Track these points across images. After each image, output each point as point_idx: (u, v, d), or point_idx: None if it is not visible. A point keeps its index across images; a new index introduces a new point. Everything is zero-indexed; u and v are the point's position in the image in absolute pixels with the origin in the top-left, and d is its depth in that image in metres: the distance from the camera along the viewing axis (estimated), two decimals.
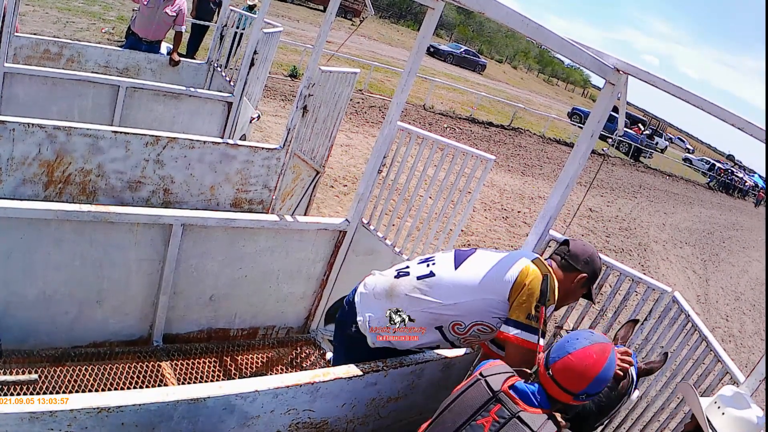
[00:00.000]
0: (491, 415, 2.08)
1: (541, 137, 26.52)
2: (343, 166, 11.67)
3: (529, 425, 2.03)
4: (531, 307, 2.68)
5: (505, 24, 2.72)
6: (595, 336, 2.19)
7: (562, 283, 2.90)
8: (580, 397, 2.10)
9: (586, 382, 2.08)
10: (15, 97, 5.57)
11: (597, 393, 2.14)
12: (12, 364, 3.34)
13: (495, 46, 71.83)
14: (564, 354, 2.12)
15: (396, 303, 2.93)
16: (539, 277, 2.74)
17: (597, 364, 2.08)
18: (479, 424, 2.08)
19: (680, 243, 18.21)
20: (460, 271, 2.89)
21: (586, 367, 2.08)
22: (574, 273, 2.92)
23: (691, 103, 2.89)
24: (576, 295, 3.02)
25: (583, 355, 2.10)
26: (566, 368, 2.10)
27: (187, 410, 2.34)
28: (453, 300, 2.83)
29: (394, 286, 2.98)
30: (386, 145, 4.11)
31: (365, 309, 3.00)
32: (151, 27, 7.94)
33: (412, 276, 2.96)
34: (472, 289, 2.82)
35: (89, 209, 3.37)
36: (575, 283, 2.92)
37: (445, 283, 2.87)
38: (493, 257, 2.92)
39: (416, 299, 2.88)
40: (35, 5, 15.25)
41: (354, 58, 22.11)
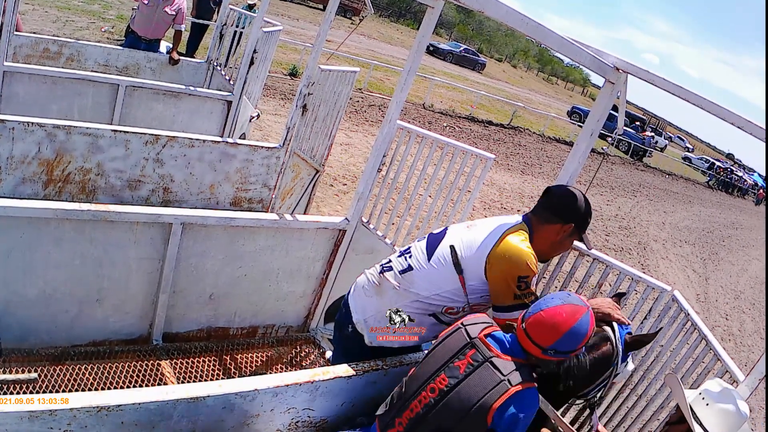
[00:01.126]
0: (467, 358, 2.31)
1: (541, 136, 26.53)
2: (342, 165, 11.67)
3: (500, 369, 2.24)
4: (514, 288, 2.70)
5: (505, 23, 2.72)
6: (571, 298, 2.35)
7: (547, 236, 2.86)
8: (549, 351, 2.26)
9: (554, 338, 2.24)
10: (15, 96, 5.57)
11: (567, 351, 2.29)
12: (12, 363, 3.34)
13: (494, 44, 71.81)
14: (538, 310, 2.31)
15: (387, 299, 2.96)
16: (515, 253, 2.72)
17: (566, 322, 2.24)
18: (456, 365, 2.30)
19: (680, 242, 18.22)
20: (433, 261, 2.90)
21: (556, 323, 2.24)
22: (558, 224, 2.86)
23: (691, 102, 2.89)
24: (565, 245, 2.98)
25: (554, 312, 2.27)
26: (537, 323, 2.28)
27: (187, 409, 2.34)
28: (435, 291, 2.86)
29: (380, 282, 3.02)
30: (386, 143, 4.11)
31: (359, 308, 3.05)
32: (151, 25, 7.95)
33: (395, 270, 3.00)
34: (449, 278, 2.83)
35: (89, 208, 3.37)
36: (562, 235, 2.88)
37: (423, 276, 2.90)
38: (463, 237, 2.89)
39: (403, 293, 2.92)
40: (35, 4, 15.25)
41: (353, 57, 22.11)
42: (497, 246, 2.74)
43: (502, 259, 2.72)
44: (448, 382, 2.28)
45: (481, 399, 2.19)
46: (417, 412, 2.31)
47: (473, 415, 2.18)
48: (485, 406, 2.17)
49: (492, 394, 2.18)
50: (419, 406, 2.31)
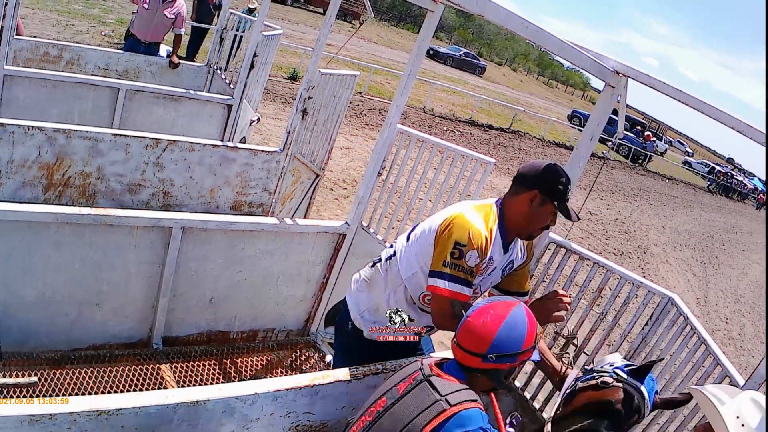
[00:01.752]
0: (409, 379, 2.15)
1: (541, 140, 26.53)
2: (342, 169, 11.67)
3: (437, 389, 2.05)
4: (446, 254, 2.60)
5: (505, 26, 2.73)
6: (498, 298, 2.28)
7: (516, 208, 2.77)
8: (489, 358, 2.08)
9: (488, 340, 2.08)
10: (15, 100, 5.57)
11: (511, 354, 2.10)
12: (12, 366, 3.34)
13: (495, 48, 71.85)
14: (464, 318, 2.18)
15: (378, 289, 2.99)
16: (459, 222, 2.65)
17: (496, 319, 2.10)
18: (397, 387, 2.15)
19: (680, 246, 18.22)
20: (410, 241, 2.90)
21: (484, 323, 2.10)
22: (523, 194, 2.74)
23: (691, 106, 2.89)
24: (541, 217, 2.78)
25: (479, 313, 2.14)
26: (466, 330, 2.14)
27: (187, 413, 2.34)
28: (411, 271, 2.84)
29: (371, 275, 3.05)
30: (386, 147, 4.11)
31: (354, 304, 3.09)
32: (150, 29, 7.95)
33: (383, 260, 3.02)
34: (418, 256, 2.81)
35: (89, 212, 3.37)
36: (531, 205, 2.74)
37: (403, 257, 2.89)
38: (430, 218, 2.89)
39: (390, 280, 2.94)
40: (35, 8, 15.27)
41: (354, 61, 22.13)
42: (449, 217, 2.70)
43: (447, 226, 2.66)
44: (386, 403, 2.14)
45: (411, 420, 2.01)
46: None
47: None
48: (415, 428, 1.98)
49: (424, 416, 2.00)
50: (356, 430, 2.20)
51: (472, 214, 2.71)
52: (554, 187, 2.73)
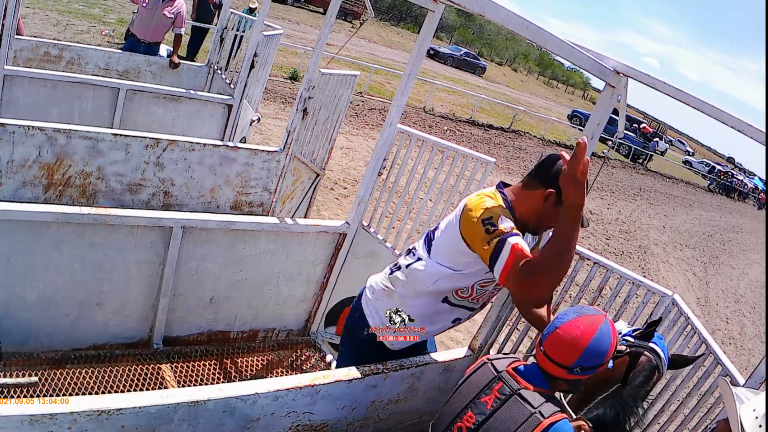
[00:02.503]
0: (494, 392, 2.17)
1: (542, 140, 26.54)
2: (343, 169, 11.68)
3: (530, 402, 2.10)
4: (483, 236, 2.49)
5: (505, 26, 2.72)
6: (585, 309, 2.25)
7: (530, 203, 2.69)
8: (575, 370, 2.13)
9: (576, 354, 2.11)
10: (15, 100, 5.58)
11: (595, 366, 2.14)
12: (12, 366, 3.34)
13: (495, 48, 71.88)
14: (553, 329, 2.19)
15: (396, 297, 2.94)
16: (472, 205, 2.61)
17: (585, 334, 2.12)
18: (483, 401, 2.16)
19: (680, 245, 18.22)
20: (432, 249, 2.85)
21: (574, 338, 2.12)
22: (538, 189, 2.67)
23: (691, 106, 2.89)
24: (551, 216, 2.67)
25: (570, 327, 2.15)
26: (555, 342, 2.16)
27: (188, 413, 2.34)
28: (438, 276, 2.79)
29: (390, 283, 3.00)
30: (386, 147, 4.11)
31: (373, 312, 3.02)
32: (150, 28, 7.96)
33: (403, 267, 2.96)
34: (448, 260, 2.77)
35: (89, 212, 3.37)
36: (544, 203, 2.65)
37: (428, 265, 2.84)
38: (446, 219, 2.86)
39: (411, 288, 2.89)
40: (35, 7, 15.27)
41: (354, 61, 22.13)
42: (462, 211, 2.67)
43: (465, 216, 2.61)
44: (476, 420, 2.16)
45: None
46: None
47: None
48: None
49: (523, 429, 2.05)
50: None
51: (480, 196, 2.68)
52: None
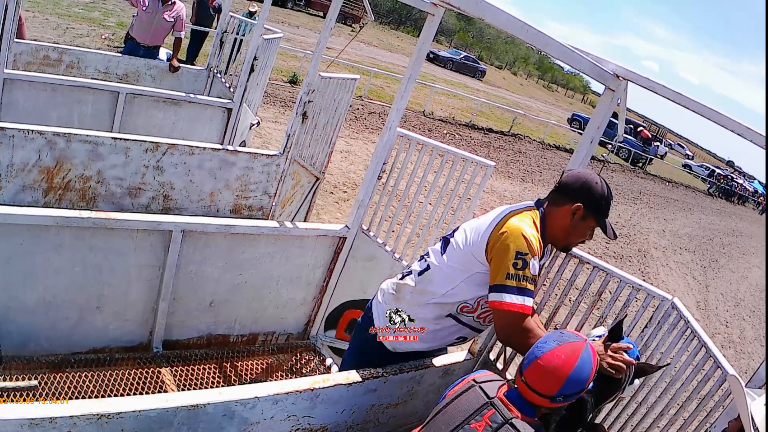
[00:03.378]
0: (484, 419, 2.10)
1: (541, 143, 26.57)
2: (342, 173, 11.68)
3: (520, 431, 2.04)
4: (509, 266, 2.53)
5: (505, 30, 2.73)
6: (566, 336, 2.19)
7: (557, 220, 2.73)
8: (557, 399, 2.10)
9: (558, 384, 2.07)
10: (15, 104, 5.58)
11: (576, 393, 2.11)
12: (12, 370, 3.34)
13: (495, 52, 71.91)
14: (533, 359, 2.13)
15: (402, 303, 2.95)
16: (515, 230, 2.59)
17: (567, 364, 2.08)
18: (472, 428, 2.09)
19: (680, 249, 18.22)
20: (447, 255, 2.85)
21: (556, 368, 2.08)
22: (567, 205, 2.70)
23: (691, 109, 2.89)
24: (580, 231, 2.76)
25: (551, 356, 2.10)
26: (536, 372, 2.11)
27: (187, 417, 2.34)
28: (450, 286, 2.81)
29: (399, 287, 3.01)
30: (386, 151, 4.11)
31: (382, 314, 3.04)
32: (149, 32, 7.96)
33: (414, 274, 2.98)
34: (461, 269, 2.77)
35: (89, 215, 3.37)
36: (573, 218, 2.70)
37: (439, 272, 2.86)
38: (470, 225, 2.83)
39: (419, 295, 2.90)
40: (35, 11, 15.29)
41: (354, 65, 22.14)
42: (498, 225, 2.65)
43: (501, 235, 2.59)
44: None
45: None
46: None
47: None
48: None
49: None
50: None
51: (523, 220, 2.65)
52: (599, 202, 2.72)
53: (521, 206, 2.79)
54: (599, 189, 2.71)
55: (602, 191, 2.72)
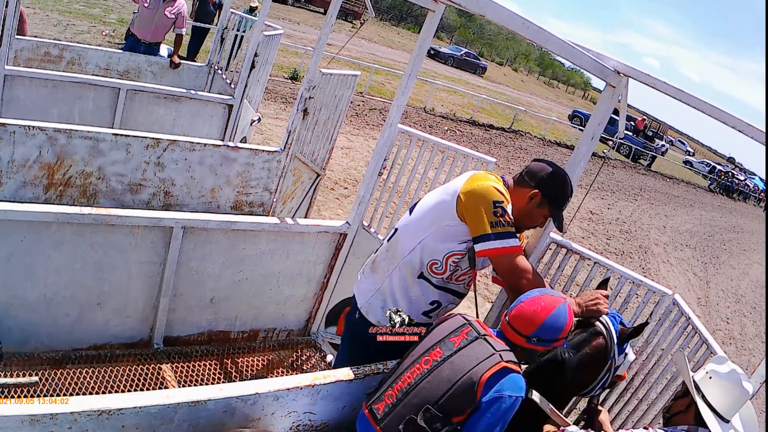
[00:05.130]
0: (462, 334, 2.43)
1: (542, 140, 26.53)
2: (343, 169, 11.67)
3: (493, 346, 2.35)
4: (490, 215, 2.69)
5: (506, 26, 2.73)
6: (549, 291, 2.57)
7: (516, 200, 2.84)
8: (532, 340, 2.40)
9: (535, 325, 2.38)
10: (16, 100, 5.58)
11: (550, 340, 2.40)
12: (13, 366, 3.34)
13: (496, 48, 71.90)
14: (518, 303, 2.48)
15: (379, 272, 3.06)
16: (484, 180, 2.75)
17: (545, 309, 2.40)
18: (451, 340, 2.41)
19: (681, 245, 18.21)
20: (414, 214, 2.99)
21: (535, 311, 2.40)
22: (526, 189, 2.84)
23: (692, 106, 2.89)
24: (533, 216, 2.91)
25: (533, 302, 2.44)
26: (518, 313, 2.44)
27: (188, 413, 2.34)
28: (417, 239, 2.91)
29: (375, 260, 3.16)
30: (387, 147, 4.11)
31: (361, 293, 3.16)
32: (150, 29, 7.95)
33: (384, 241, 3.16)
34: (428, 223, 2.89)
35: (90, 212, 3.37)
36: (529, 202, 2.84)
37: (406, 231, 2.99)
38: (439, 189, 2.96)
39: (391, 258, 3.02)
40: (36, 8, 15.28)
41: (354, 61, 22.13)
42: (468, 182, 2.79)
43: (472, 189, 2.75)
44: (442, 354, 2.37)
45: (472, 368, 2.27)
46: (408, 382, 2.37)
47: (463, 384, 2.25)
48: (476, 375, 2.25)
49: (483, 365, 2.27)
50: (411, 377, 2.39)
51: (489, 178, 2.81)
52: (557, 194, 2.87)
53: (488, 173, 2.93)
54: (560, 182, 2.88)
55: (563, 186, 2.88)
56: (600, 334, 2.64)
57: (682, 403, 2.49)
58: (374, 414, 2.39)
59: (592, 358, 2.60)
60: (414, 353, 2.48)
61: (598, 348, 2.62)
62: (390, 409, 2.35)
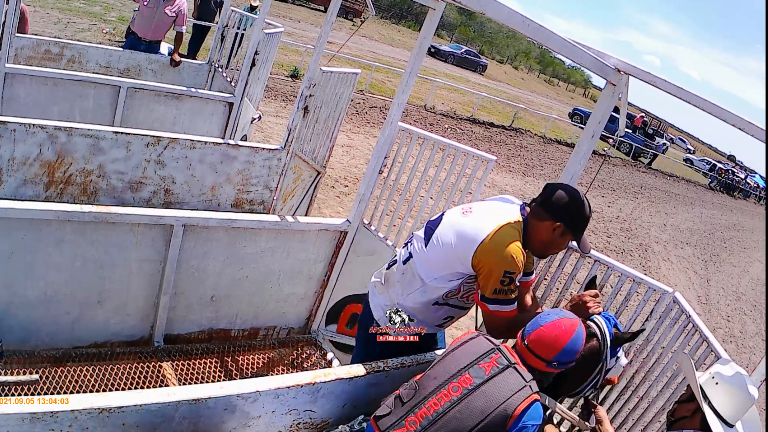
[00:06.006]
0: (492, 361, 2.39)
1: (542, 138, 26.51)
2: (344, 167, 11.67)
3: (523, 376, 2.34)
4: (497, 283, 2.73)
5: (506, 24, 2.73)
6: (564, 312, 2.52)
7: (537, 233, 2.86)
8: (552, 364, 2.39)
9: (556, 350, 2.37)
10: (16, 98, 5.58)
11: (567, 362, 2.41)
12: (13, 364, 3.34)
13: (496, 46, 71.79)
14: (537, 327, 2.43)
15: (394, 291, 3.07)
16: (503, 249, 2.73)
17: (566, 334, 2.39)
18: (481, 367, 2.37)
19: (681, 243, 18.21)
20: (429, 248, 2.97)
21: (556, 336, 2.38)
22: (548, 222, 2.84)
23: (692, 104, 2.89)
24: (558, 245, 2.94)
25: (554, 326, 2.41)
26: (539, 338, 2.40)
27: (188, 411, 2.34)
28: (432, 276, 2.93)
29: (387, 277, 3.15)
30: (387, 145, 4.11)
31: (376, 306, 3.15)
32: (151, 27, 7.94)
33: (399, 262, 3.11)
34: (444, 264, 2.90)
35: (90, 210, 3.37)
36: (553, 234, 2.85)
37: (422, 262, 2.98)
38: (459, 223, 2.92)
39: (407, 283, 3.03)
40: (36, 6, 15.26)
41: (355, 59, 22.12)
42: (487, 239, 2.76)
43: (490, 253, 2.75)
44: (473, 382, 2.33)
45: (506, 401, 2.26)
46: (435, 410, 2.32)
47: (497, 416, 2.24)
48: (509, 408, 2.24)
49: (516, 397, 2.26)
50: (438, 405, 2.32)
51: (512, 236, 2.78)
52: (579, 223, 2.87)
53: (508, 217, 2.86)
54: (581, 209, 2.86)
55: (583, 212, 2.86)
56: (594, 336, 2.65)
57: (688, 408, 2.48)
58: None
59: (585, 360, 2.61)
60: (437, 376, 2.43)
61: (591, 350, 2.62)
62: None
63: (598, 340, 2.64)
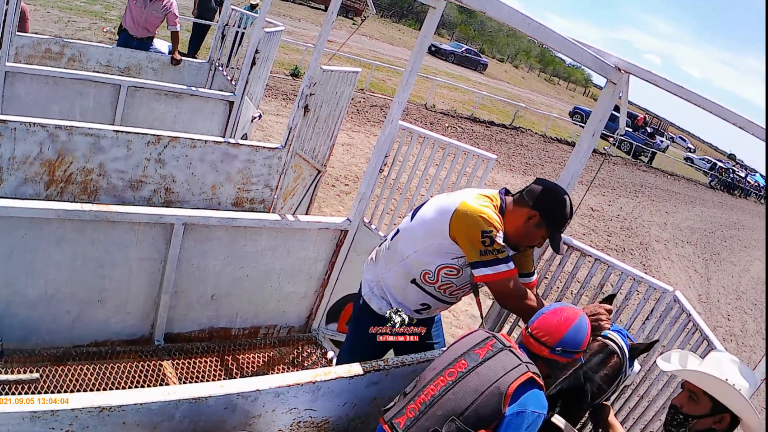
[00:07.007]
0: (487, 346, 2.41)
1: (543, 136, 26.51)
2: (344, 166, 11.67)
3: (519, 356, 2.35)
4: (478, 244, 2.75)
5: (507, 23, 2.73)
6: (568, 304, 2.58)
7: (513, 218, 2.88)
8: (556, 350, 2.39)
9: (560, 335, 2.38)
10: (16, 97, 5.58)
11: (573, 350, 2.40)
12: (13, 363, 3.34)
13: (496, 45, 71.74)
14: (540, 315, 2.49)
15: (378, 268, 3.19)
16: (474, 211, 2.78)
17: (568, 320, 2.42)
18: (476, 352, 2.39)
19: (682, 242, 18.20)
20: (414, 221, 3.05)
21: (559, 322, 2.41)
22: (524, 209, 2.86)
23: (693, 102, 2.89)
24: (531, 237, 2.92)
25: (555, 313, 2.46)
26: (541, 324, 2.44)
27: (189, 409, 2.34)
28: (413, 248, 3.00)
29: (377, 253, 3.27)
30: (388, 144, 4.11)
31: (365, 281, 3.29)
32: (139, 25, 7.94)
33: (387, 239, 3.23)
34: (424, 236, 2.96)
35: (90, 208, 3.37)
36: (527, 223, 2.86)
37: (405, 236, 3.07)
38: (439, 200, 3.01)
39: (390, 257, 3.12)
40: (37, 4, 15.25)
41: (355, 58, 22.10)
42: (460, 205, 2.82)
43: (463, 216, 2.80)
44: (468, 365, 2.35)
45: (499, 378, 2.26)
46: (432, 395, 2.33)
47: (490, 394, 2.23)
48: (503, 385, 2.23)
49: (510, 374, 2.26)
50: (435, 389, 2.34)
51: (482, 202, 2.84)
52: (556, 217, 2.88)
53: (483, 192, 2.96)
54: (560, 205, 2.88)
55: (562, 208, 2.88)
56: (614, 353, 2.67)
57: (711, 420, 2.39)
58: (395, 428, 2.34)
59: (608, 378, 2.65)
60: (436, 366, 2.45)
61: (614, 368, 2.66)
62: (412, 422, 2.30)
63: (618, 356, 2.67)
